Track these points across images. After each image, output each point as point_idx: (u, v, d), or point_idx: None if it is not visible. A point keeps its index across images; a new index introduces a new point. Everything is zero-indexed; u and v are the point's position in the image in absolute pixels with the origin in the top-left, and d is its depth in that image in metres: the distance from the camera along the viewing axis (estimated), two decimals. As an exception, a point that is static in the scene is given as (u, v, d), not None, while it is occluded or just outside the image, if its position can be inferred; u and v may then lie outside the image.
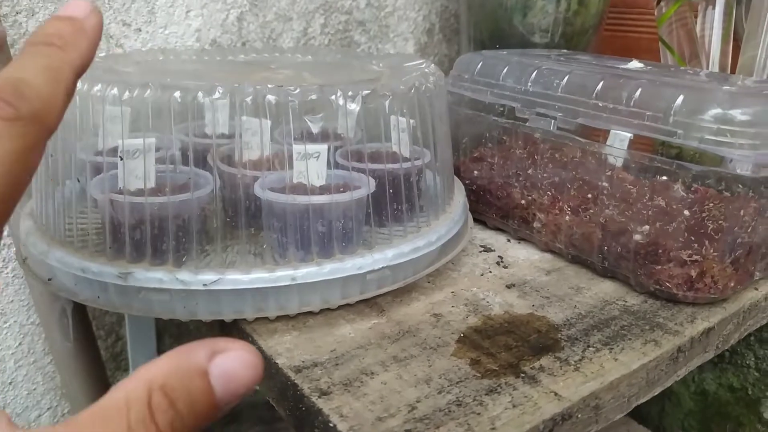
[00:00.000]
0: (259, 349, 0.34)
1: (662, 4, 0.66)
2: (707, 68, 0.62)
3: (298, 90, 0.35)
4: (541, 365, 0.34)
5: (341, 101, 0.35)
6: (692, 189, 0.38)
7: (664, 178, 0.39)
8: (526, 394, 0.31)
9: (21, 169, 0.19)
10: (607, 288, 0.42)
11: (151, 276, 0.34)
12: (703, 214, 0.38)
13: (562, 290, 0.42)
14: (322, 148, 0.38)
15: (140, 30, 0.56)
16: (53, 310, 0.52)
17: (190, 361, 0.18)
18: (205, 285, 0.34)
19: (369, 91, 0.36)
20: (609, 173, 0.41)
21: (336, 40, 0.69)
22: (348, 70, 0.48)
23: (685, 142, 0.37)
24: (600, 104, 0.40)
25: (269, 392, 0.35)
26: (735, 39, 0.63)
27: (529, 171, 0.46)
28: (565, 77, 0.43)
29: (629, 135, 0.42)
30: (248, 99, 0.34)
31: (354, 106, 0.36)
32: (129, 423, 0.16)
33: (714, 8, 0.64)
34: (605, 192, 0.41)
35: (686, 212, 0.38)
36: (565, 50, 0.57)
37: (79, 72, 0.22)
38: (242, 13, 0.62)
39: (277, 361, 0.33)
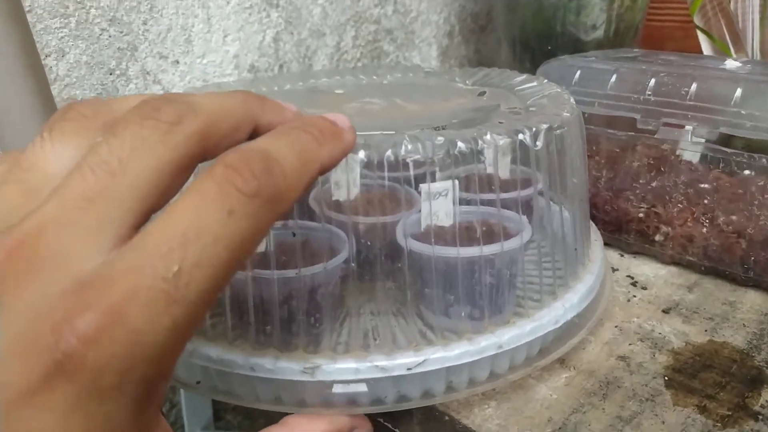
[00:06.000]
0: (467, 429, 0.30)
1: (693, -9, 0.66)
2: (751, 55, 0.62)
3: (488, 134, 0.30)
4: (767, 401, 0.32)
5: (528, 142, 0.31)
6: None
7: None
8: (780, 440, 0.29)
9: (239, 255, 0.17)
10: (756, 298, 0.41)
11: (343, 367, 0.29)
12: None
13: (718, 308, 0.40)
14: (449, 184, 0.34)
15: (178, 62, 0.50)
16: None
17: None
18: (409, 369, 0.29)
19: (547, 126, 0.32)
20: (761, 183, 0.39)
21: (367, 52, 0.64)
22: (443, 94, 0.44)
23: None
24: (743, 112, 0.39)
25: (482, 476, 0.31)
26: (770, 22, 0.64)
27: (653, 183, 0.44)
28: (693, 84, 0.41)
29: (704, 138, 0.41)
30: (459, 148, 0.29)
31: (540, 146, 0.32)
32: None
33: (746, -7, 0.64)
34: (756, 202, 0.39)
35: None
36: (640, 50, 0.55)
37: (322, 173, 0.20)
38: (278, 33, 0.56)
39: (501, 444, 0.29)
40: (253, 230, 0.17)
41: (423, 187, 0.33)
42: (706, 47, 0.64)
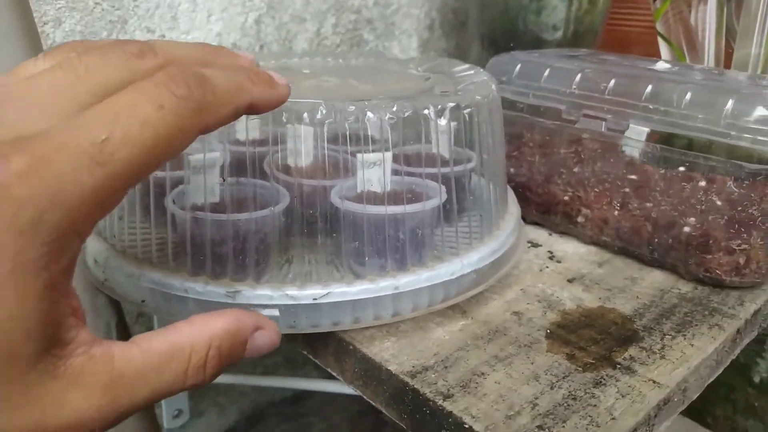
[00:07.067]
0: (365, 356, 0.36)
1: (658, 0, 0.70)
2: (705, 63, 0.66)
3: (395, 107, 0.35)
4: (630, 355, 0.36)
5: (432, 116, 0.36)
6: (743, 185, 0.41)
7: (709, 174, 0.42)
8: (629, 384, 0.34)
9: (163, 146, 0.19)
10: (657, 277, 0.45)
11: (260, 293, 0.34)
12: (753, 207, 0.41)
13: (619, 282, 0.45)
14: (387, 156, 0.39)
15: (164, 36, 0.55)
16: (98, 325, 0.51)
17: (241, 331, 0.23)
18: (315, 299, 0.34)
19: (454, 104, 0.37)
20: (663, 171, 0.44)
21: (347, 39, 0.69)
22: (395, 77, 0.49)
23: (738, 142, 0.40)
24: (651, 107, 0.43)
25: (376, 397, 0.36)
26: (726, 33, 0.68)
27: (575, 169, 0.48)
28: (611, 80, 0.45)
29: (647, 129, 0.45)
30: (368, 117, 0.35)
31: (443, 122, 0.37)
32: (188, 366, 0.21)
33: (706, 5, 0.68)
34: (658, 189, 0.44)
35: (738, 206, 0.41)
36: (587, 50, 0.59)
37: (250, 110, 0.24)
38: (260, 16, 0.61)
39: (389, 368, 0.34)
40: (179, 128, 0.19)
41: (359, 156, 0.38)
42: (665, 53, 0.69)
